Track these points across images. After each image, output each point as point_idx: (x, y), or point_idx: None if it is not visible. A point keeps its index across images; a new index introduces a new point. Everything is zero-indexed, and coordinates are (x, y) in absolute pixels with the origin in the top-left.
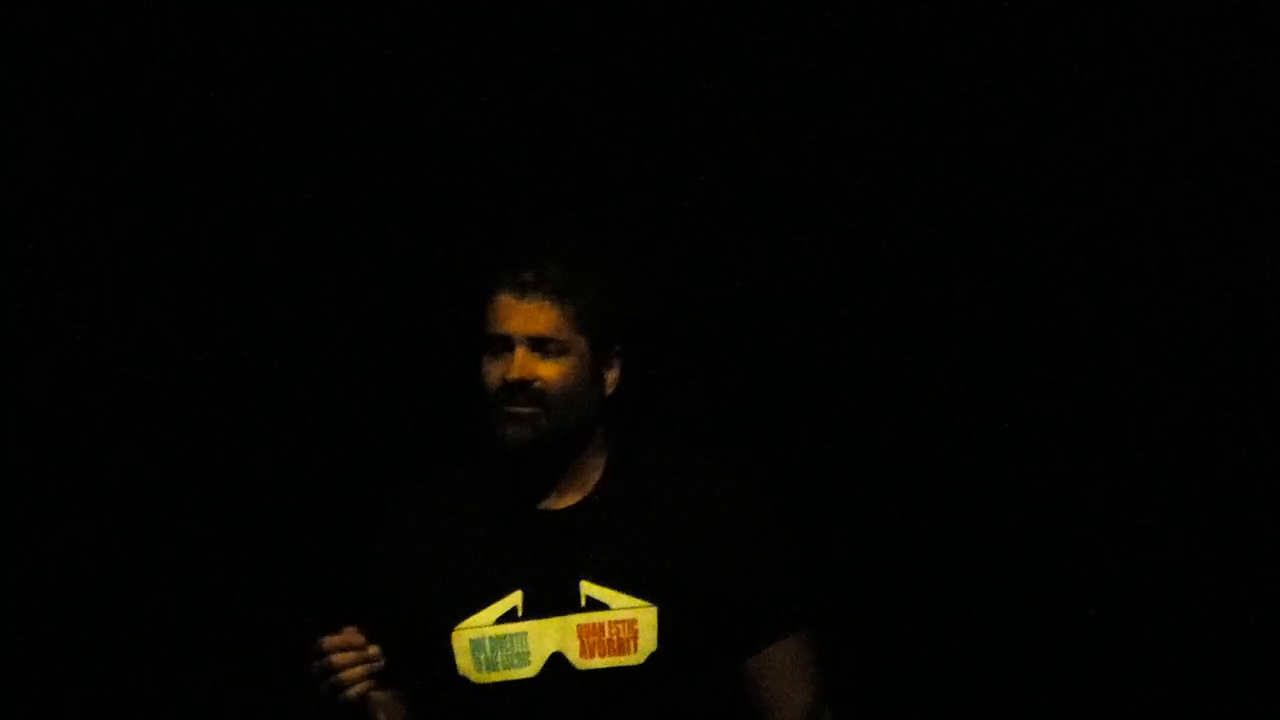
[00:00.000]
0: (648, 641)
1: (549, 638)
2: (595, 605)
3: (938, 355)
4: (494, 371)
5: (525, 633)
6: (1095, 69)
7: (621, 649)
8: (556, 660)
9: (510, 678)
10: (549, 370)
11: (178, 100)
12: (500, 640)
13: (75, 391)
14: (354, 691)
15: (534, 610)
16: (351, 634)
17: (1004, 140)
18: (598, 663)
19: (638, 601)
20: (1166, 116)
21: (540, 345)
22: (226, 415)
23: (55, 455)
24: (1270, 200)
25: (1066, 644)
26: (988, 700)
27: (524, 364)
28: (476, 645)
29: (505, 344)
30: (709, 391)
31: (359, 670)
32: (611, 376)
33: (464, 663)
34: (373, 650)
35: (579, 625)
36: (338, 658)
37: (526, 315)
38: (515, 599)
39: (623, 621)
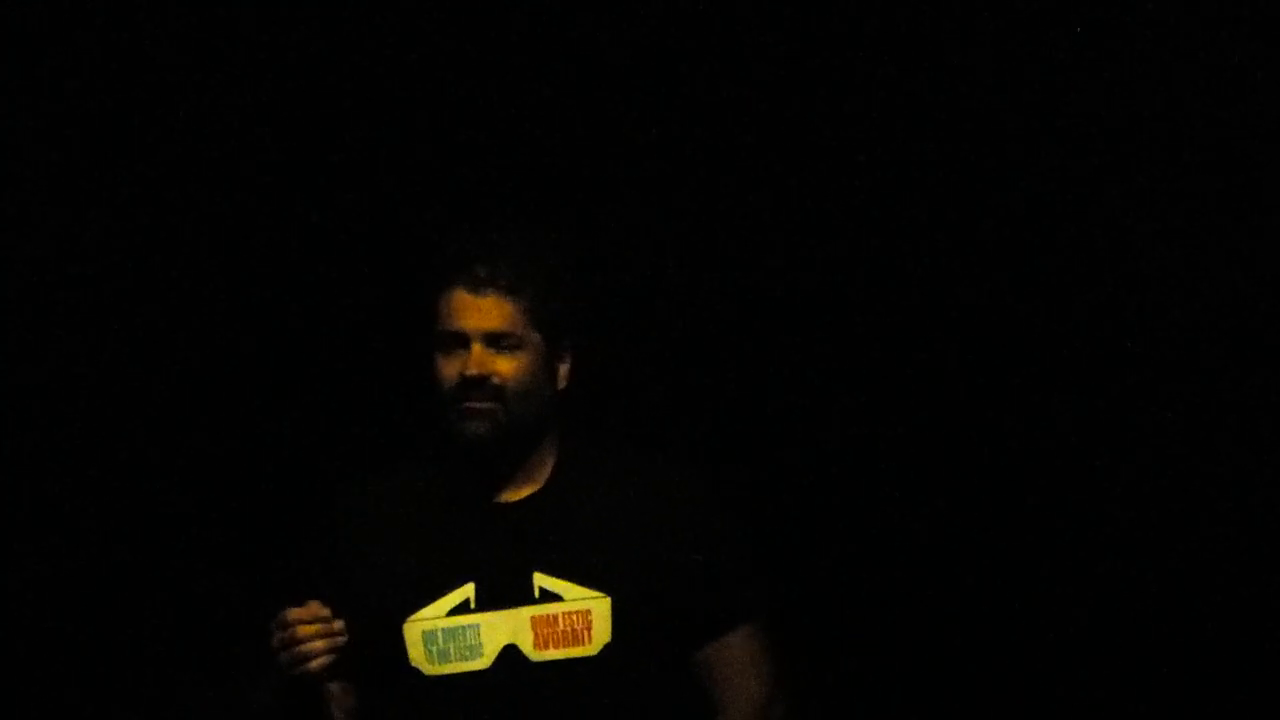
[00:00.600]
0: (602, 632)
1: (502, 630)
2: (549, 597)
3: (894, 345)
4: (450, 368)
5: (478, 625)
6: (1095, 69)
7: (576, 640)
8: (510, 652)
9: (462, 670)
10: (505, 365)
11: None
12: (452, 632)
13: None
14: (316, 664)
15: (486, 602)
16: (316, 607)
17: (969, 133)
18: (552, 654)
19: (591, 592)
20: (1166, 116)
21: (496, 340)
22: (179, 408)
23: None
24: (1270, 200)
25: (1037, 637)
26: (953, 693)
27: (481, 360)
28: (429, 637)
29: (460, 340)
30: (658, 388)
31: (322, 643)
32: (564, 371)
33: (416, 654)
34: (337, 625)
35: (533, 617)
36: (302, 629)
37: (482, 311)
38: (468, 591)
39: (577, 612)
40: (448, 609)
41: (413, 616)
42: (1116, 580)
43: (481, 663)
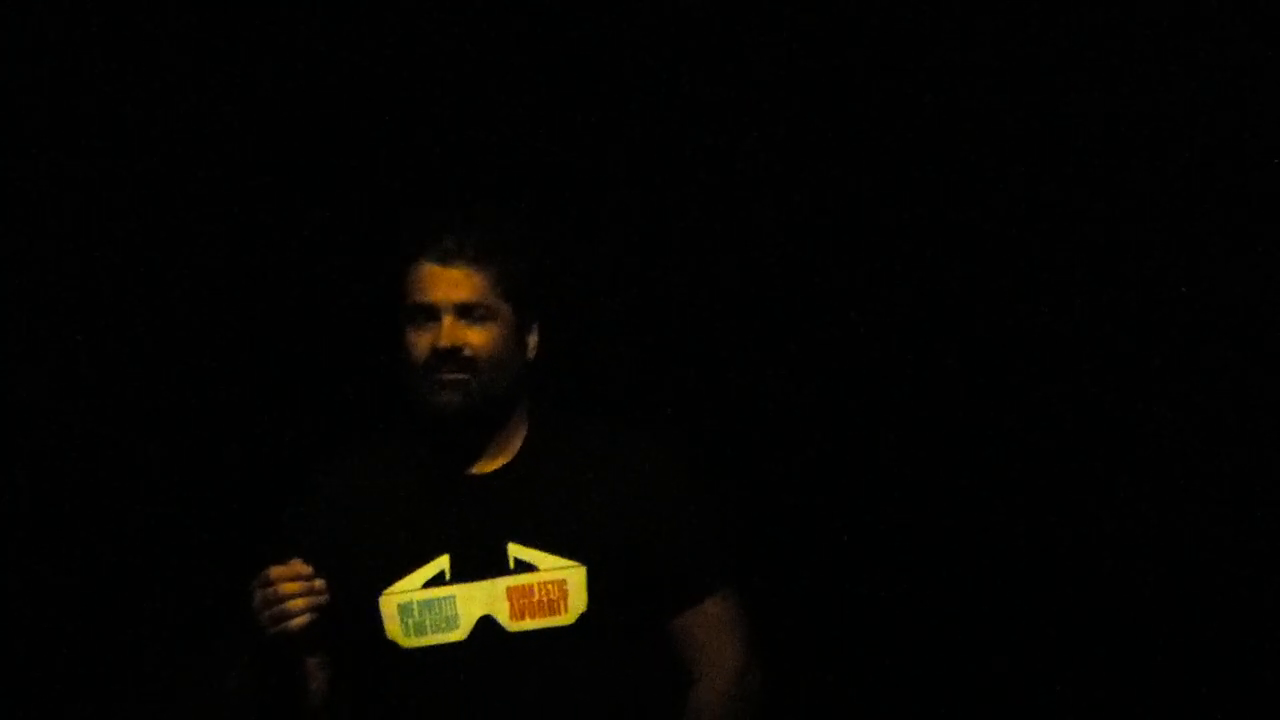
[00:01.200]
0: (578, 601)
1: (478, 601)
2: (524, 567)
3: (868, 322)
4: (421, 340)
5: (453, 596)
6: (1094, 69)
7: (552, 610)
8: (486, 623)
9: (439, 641)
10: (477, 336)
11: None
12: (428, 604)
13: None
14: (297, 623)
15: (462, 574)
16: (298, 565)
17: (955, 128)
18: (529, 624)
19: (566, 562)
20: (1166, 116)
21: (467, 312)
22: (145, 389)
23: None
24: (1270, 200)
25: (1028, 631)
26: (926, 667)
27: (452, 331)
28: (405, 609)
29: (431, 313)
30: (625, 360)
31: (303, 601)
32: (533, 342)
33: (392, 628)
34: (318, 583)
35: (508, 588)
36: (284, 586)
37: (452, 282)
38: (443, 563)
39: (552, 582)
40: (423, 581)
41: (388, 590)
42: (1109, 576)
43: (458, 634)
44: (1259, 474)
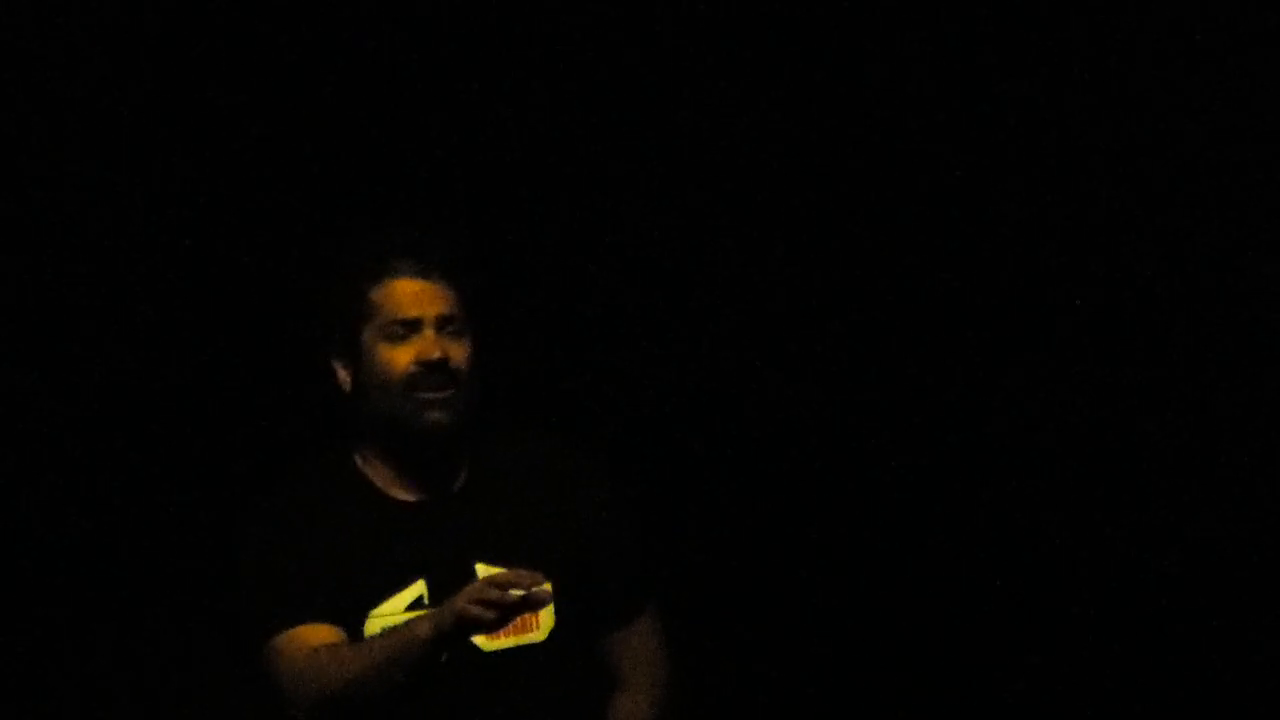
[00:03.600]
0: (548, 618)
1: None
2: None
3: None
4: (401, 355)
5: None
6: (1094, 68)
7: (525, 627)
8: (464, 645)
9: None
10: (456, 350)
11: None
12: None
13: None
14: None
15: (438, 597)
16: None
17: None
18: (505, 643)
19: None
20: (1166, 116)
21: (444, 325)
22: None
23: None
24: (1270, 200)
25: (1026, 631)
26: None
27: (438, 343)
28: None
29: (412, 326)
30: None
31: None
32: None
33: None
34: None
35: None
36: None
37: (432, 296)
38: (420, 588)
39: None
40: (405, 604)
41: (373, 612)
42: (1108, 577)
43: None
44: (1259, 474)
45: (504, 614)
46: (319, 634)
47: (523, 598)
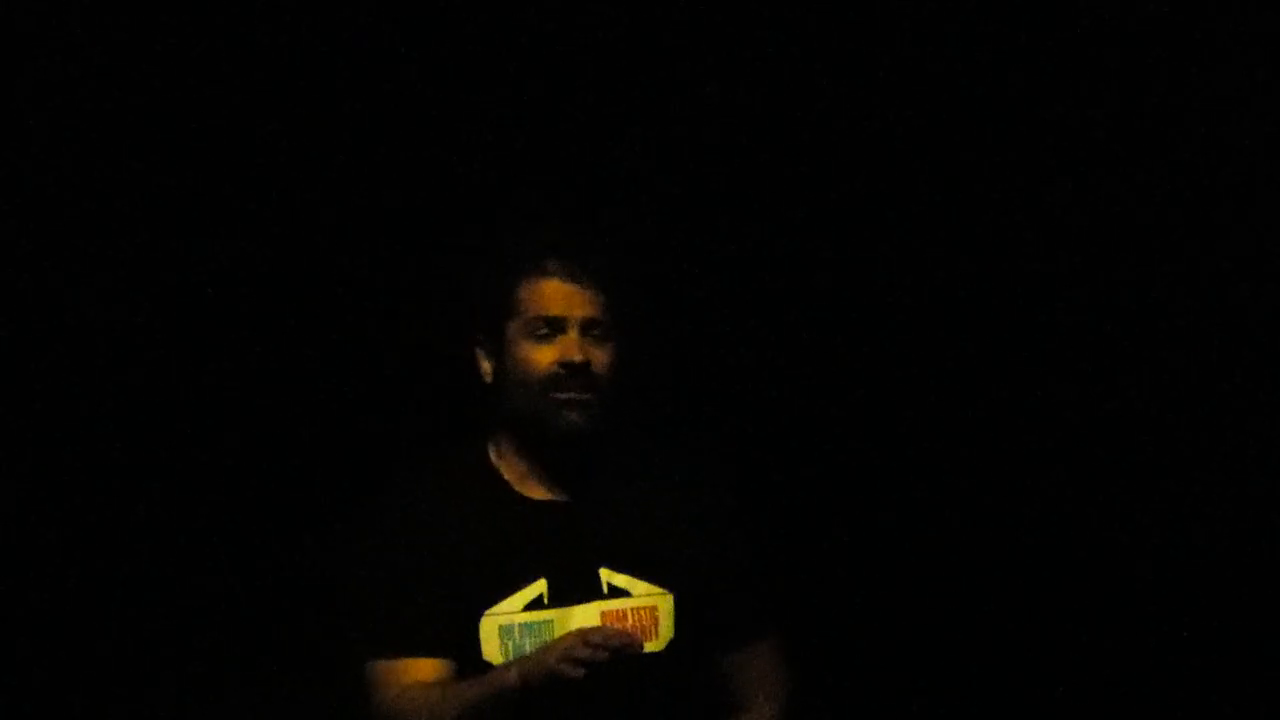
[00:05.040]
0: (667, 628)
1: (574, 625)
2: (617, 592)
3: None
4: (544, 355)
5: (552, 620)
6: (1093, 68)
7: (645, 636)
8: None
9: None
10: (599, 354)
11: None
12: (529, 627)
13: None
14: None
15: (559, 598)
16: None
17: (959, 126)
18: None
19: (657, 589)
20: (1165, 116)
21: (590, 329)
22: (211, 407)
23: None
24: (1270, 200)
25: (1038, 652)
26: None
27: (581, 346)
28: (506, 632)
29: (557, 326)
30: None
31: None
32: None
33: (490, 649)
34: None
35: (603, 612)
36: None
37: (580, 298)
38: (540, 587)
39: (645, 608)
40: (523, 604)
41: (490, 610)
42: (1108, 577)
43: None
44: (1260, 473)
45: (594, 670)
46: (420, 670)
47: (614, 655)
